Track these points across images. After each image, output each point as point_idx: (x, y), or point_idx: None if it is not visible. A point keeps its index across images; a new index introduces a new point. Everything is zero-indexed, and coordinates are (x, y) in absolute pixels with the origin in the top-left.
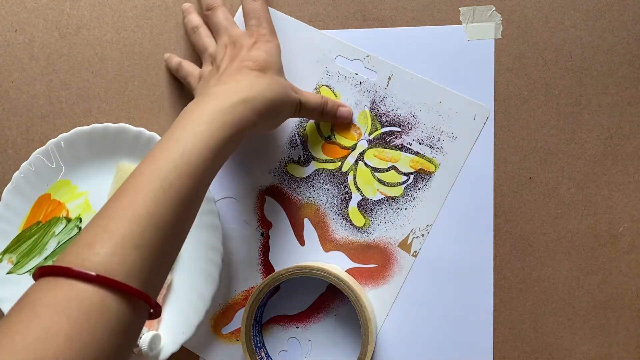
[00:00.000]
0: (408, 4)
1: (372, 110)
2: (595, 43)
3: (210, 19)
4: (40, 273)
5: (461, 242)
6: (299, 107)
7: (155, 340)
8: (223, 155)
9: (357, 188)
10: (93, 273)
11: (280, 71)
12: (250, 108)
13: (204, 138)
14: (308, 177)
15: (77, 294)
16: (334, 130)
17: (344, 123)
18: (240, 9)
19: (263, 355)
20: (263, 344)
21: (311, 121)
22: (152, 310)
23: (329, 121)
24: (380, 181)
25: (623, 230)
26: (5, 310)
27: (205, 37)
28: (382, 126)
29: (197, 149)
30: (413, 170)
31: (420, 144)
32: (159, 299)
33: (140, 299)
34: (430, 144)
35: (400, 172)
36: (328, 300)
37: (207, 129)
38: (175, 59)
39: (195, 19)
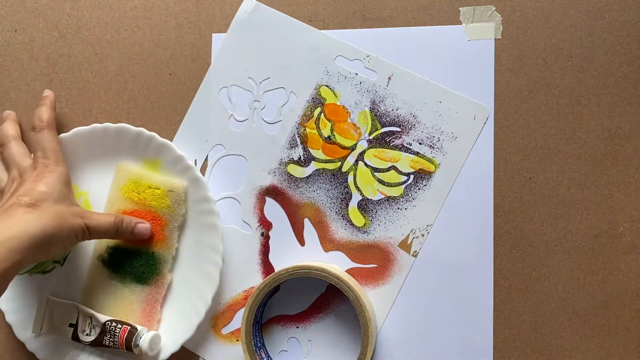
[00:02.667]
0: (408, 4)
1: (372, 110)
2: (595, 43)
3: (2, 154)
4: None
5: (461, 242)
6: (88, 231)
7: (155, 340)
8: None
9: (357, 188)
10: None
11: (60, 200)
12: (8, 249)
13: None
14: (308, 177)
15: None
16: (334, 130)
17: (343, 125)
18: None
19: (263, 355)
20: (263, 344)
21: (311, 121)
22: None
23: (127, 238)
24: (380, 181)
25: (623, 230)
26: (6, 310)
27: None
28: (382, 126)
29: None
30: (413, 170)
31: (420, 144)
32: (159, 299)
33: None
34: (430, 144)
35: (400, 172)
36: (328, 300)
37: None
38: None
39: None
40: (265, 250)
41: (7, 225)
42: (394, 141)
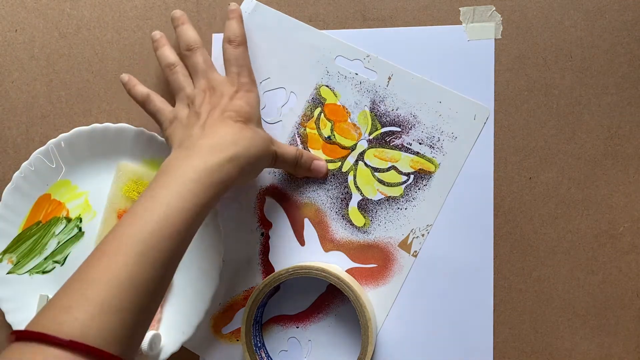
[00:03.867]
0: (408, 4)
1: (372, 110)
2: (595, 43)
3: (188, 59)
4: (16, 337)
5: (461, 242)
6: (275, 159)
7: (155, 340)
8: (206, 213)
9: (357, 188)
10: (67, 338)
11: (260, 122)
12: (236, 166)
13: (190, 199)
14: (308, 177)
15: None
16: (334, 130)
17: (343, 125)
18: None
19: (263, 355)
20: (263, 344)
21: (311, 121)
22: None
23: (303, 174)
24: (380, 181)
25: (623, 230)
26: (6, 310)
27: (182, 76)
28: (382, 126)
29: (182, 211)
30: (413, 170)
31: (420, 144)
32: None
33: None
34: (430, 144)
35: (400, 172)
36: (328, 300)
37: (193, 189)
38: (141, 88)
39: (170, 55)
40: (265, 250)
41: (232, 140)
42: (394, 141)
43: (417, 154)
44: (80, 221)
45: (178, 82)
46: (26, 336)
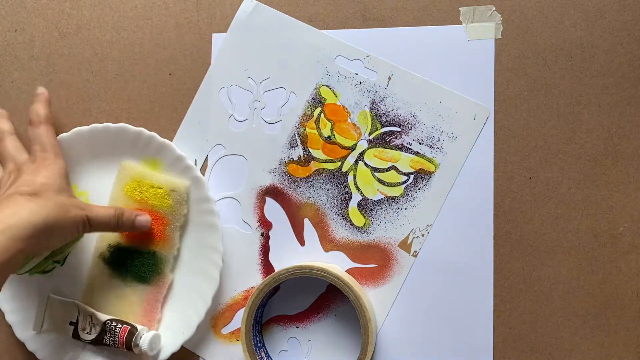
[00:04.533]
0: (408, 4)
1: (372, 110)
2: (595, 43)
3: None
4: None
5: (461, 242)
6: (89, 223)
7: (155, 340)
8: None
9: (357, 188)
10: None
11: (61, 191)
12: (9, 237)
13: None
14: (308, 177)
15: None
16: (334, 130)
17: (343, 125)
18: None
19: (263, 355)
20: (263, 344)
21: (311, 121)
22: None
23: (128, 231)
24: (380, 181)
25: (623, 230)
26: (5, 310)
27: None
28: (382, 126)
29: None
30: (413, 170)
31: (420, 144)
32: (160, 299)
33: None
34: (430, 144)
35: (400, 172)
36: (328, 300)
37: None
38: (2, 124)
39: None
40: (265, 250)
41: (9, 214)
42: (394, 141)
43: (417, 154)
44: None
45: None
46: None
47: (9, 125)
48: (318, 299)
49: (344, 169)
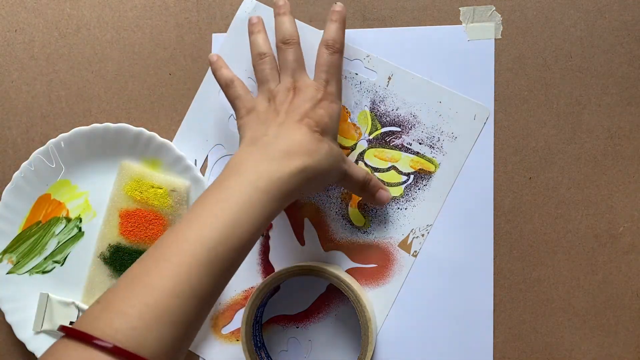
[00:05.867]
0: (408, 4)
1: (372, 110)
2: (595, 43)
3: (281, 53)
4: (67, 333)
5: (461, 242)
6: (343, 178)
7: None
8: (268, 224)
9: None
10: (110, 345)
11: (336, 137)
12: (306, 178)
13: (258, 209)
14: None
15: None
16: None
17: (343, 125)
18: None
19: (263, 355)
20: (263, 344)
21: None
22: None
23: (366, 199)
24: (381, 181)
25: (623, 230)
26: (5, 310)
27: (269, 69)
28: (382, 126)
29: (249, 221)
30: (413, 170)
31: (420, 144)
32: None
33: None
34: (430, 144)
35: (400, 172)
36: (328, 300)
37: (262, 199)
38: (226, 72)
39: (263, 44)
40: (265, 250)
41: (307, 150)
42: (394, 141)
43: (417, 154)
44: (80, 221)
45: (264, 74)
46: (77, 335)
47: (297, 35)
48: (318, 299)
49: None
